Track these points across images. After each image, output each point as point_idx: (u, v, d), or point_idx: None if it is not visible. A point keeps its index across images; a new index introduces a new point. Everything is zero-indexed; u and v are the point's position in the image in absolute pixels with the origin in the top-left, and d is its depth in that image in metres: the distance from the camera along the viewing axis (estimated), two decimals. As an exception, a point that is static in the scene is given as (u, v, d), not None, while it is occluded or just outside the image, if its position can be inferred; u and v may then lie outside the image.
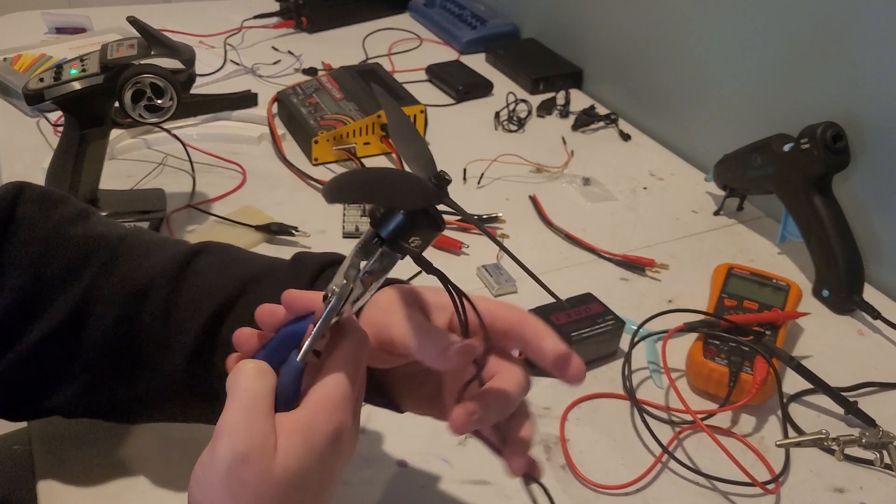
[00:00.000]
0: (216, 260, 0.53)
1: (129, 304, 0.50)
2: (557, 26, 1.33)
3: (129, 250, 0.52)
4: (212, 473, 0.37)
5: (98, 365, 0.51)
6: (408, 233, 0.38)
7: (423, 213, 0.38)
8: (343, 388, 0.40)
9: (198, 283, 0.51)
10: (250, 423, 0.37)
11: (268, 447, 0.37)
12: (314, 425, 0.39)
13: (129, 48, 0.76)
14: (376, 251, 0.39)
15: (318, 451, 0.38)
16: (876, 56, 0.81)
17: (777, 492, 0.61)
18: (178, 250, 0.53)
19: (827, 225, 0.81)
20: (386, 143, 1.03)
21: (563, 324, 0.70)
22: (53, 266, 0.51)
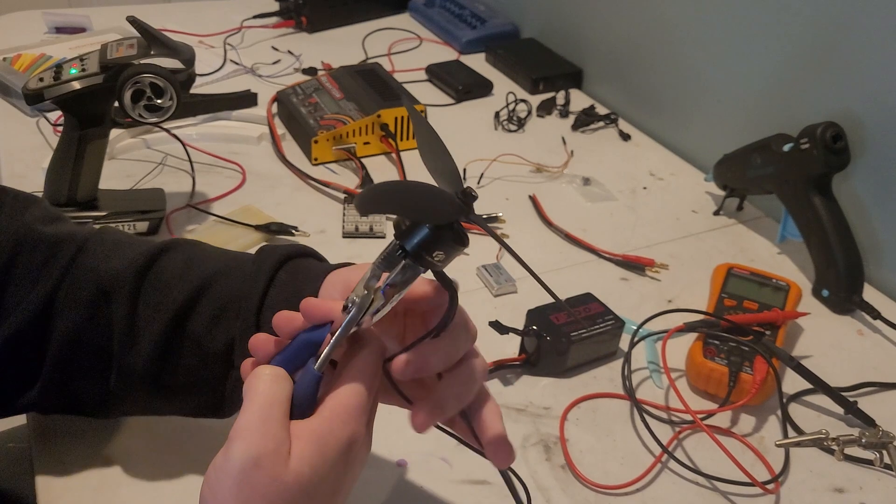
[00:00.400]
0: (181, 256, 0.54)
1: (95, 302, 0.51)
2: (557, 26, 1.33)
3: (95, 248, 0.53)
4: (224, 476, 0.37)
5: (67, 362, 0.52)
6: (432, 247, 0.38)
7: (448, 228, 0.38)
8: (359, 397, 0.40)
9: (163, 279, 0.52)
10: (265, 428, 0.37)
11: (281, 453, 0.37)
12: (328, 434, 0.39)
13: (128, 48, 0.76)
14: (399, 263, 0.40)
15: (331, 459, 0.39)
16: (876, 56, 0.81)
17: (777, 492, 0.61)
18: (144, 248, 0.53)
19: (827, 225, 0.81)
20: (386, 143, 1.03)
21: (563, 324, 0.70)
22: (21, 265, 0.52)
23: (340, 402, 0.40)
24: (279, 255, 0.53)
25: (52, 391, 0.53)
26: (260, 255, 0.54)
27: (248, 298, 0.51)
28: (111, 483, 0.57)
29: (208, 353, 0.51)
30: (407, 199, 0.38)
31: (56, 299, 0.51)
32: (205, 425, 0.62)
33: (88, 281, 0.52)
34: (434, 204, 0.38)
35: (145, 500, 0.56)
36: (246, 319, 0.51)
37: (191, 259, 0.54)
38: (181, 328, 0.51)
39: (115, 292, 0.51)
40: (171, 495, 0.56)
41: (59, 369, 0.52)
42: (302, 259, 0.54)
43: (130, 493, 0.56)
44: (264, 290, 0.51)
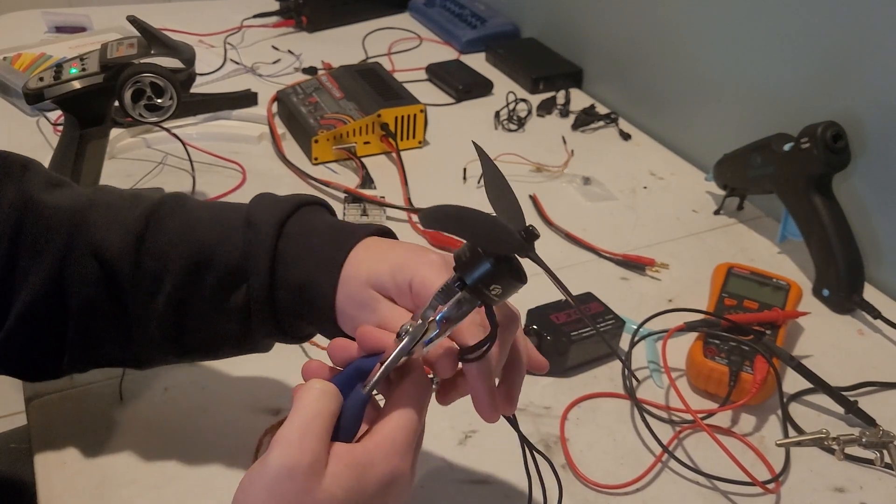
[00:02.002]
0: (174, 222, 0.52)
1: (101, 277, 0.51)
2: (557, 26, 1.33)
3: (93, 218, 0.52)
4: (258, 481, 0.37)
5: (88, 330, 0.52)
6: (491, 280, 0.39)
7: (507, 263, 0.39)
8: (405, 433, 0.40)
9: (159, 249, 0.51)
10: (303, 441, 0.37)
11: (316, 468, 0.37)
12: (369, 465, 0.39)
13: (128, 47, 0.76)
14: (456, 295, 0.40)
15: (368, 491, 0.38)
16: (876, 56, 0.81)
17: (777, 491, 0.61)
18: (136, 214, 0.52)
19: (827, 224, 0.81)
20: (386, 143, 1.03)
21: (564, 323, 0.70)
22: (26, 236, 0.51)
23: (386, 436, 0.40)
24: (272, 228, 0.50)
25: (82, 356, 0.54)
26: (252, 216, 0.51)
27: (257, 273, 0.50)
28: (112, 483, 0.57)
29: (222, 315, 0.51)
30: (472, 224, 0.38)
31: (63, 276, 0.51)
32: (205, 426, 0.62)
33: (89, 257, 0.51)
34: (497, 234, 0.39)
35: (145, 500, 0.56)
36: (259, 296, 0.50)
37: (184, 222, 0.52)
38: (188, 295, 0.51)
39: (117, 267, 0.51)
40: (171, 495, 0.56)
41: (83, 337, 0.52)
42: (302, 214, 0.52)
43: (131, 493, 0.56)
44: (271, 266, 0.50)
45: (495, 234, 0.38)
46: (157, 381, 0.65)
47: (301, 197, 0.53)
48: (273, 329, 0.51)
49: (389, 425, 0.40)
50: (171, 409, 0.63)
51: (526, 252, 0.39)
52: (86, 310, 0.52)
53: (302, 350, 0.69)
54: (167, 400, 0.64)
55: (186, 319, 0.52)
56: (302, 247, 0.50)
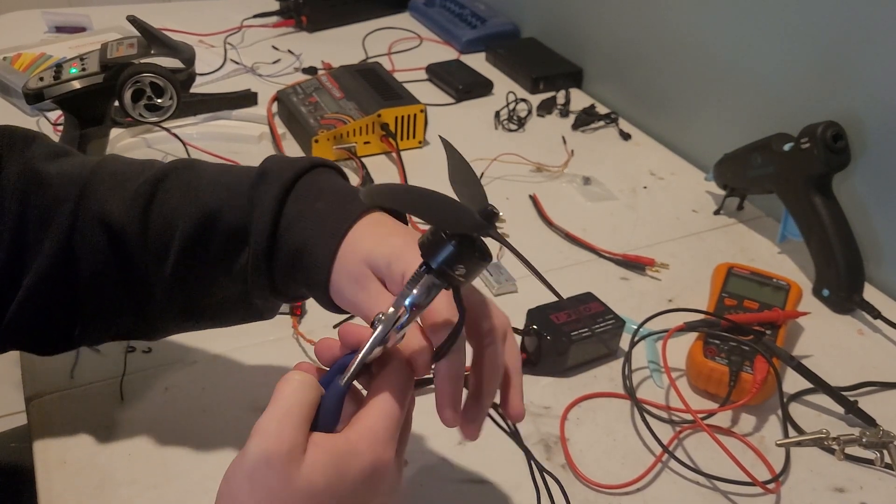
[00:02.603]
0: (179, 185, 0.52)
1: (108, 245, 0.51)
2: (557, 26, 1.33)
3: (97, 187, 0.53)
4: (238, 471, 0.37)
5: (98, 299, 0.53)
6: (454, 261, 0.39)
7: (470, 243, 0.40)
8: (386, 421, 0.40)
9: (165, 213, 0.51)
10: (280, 429, 0.37)
11: (293, 455, 0.37)
12: (349, 454, 0.39)
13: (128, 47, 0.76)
14: (422, 280, 0.41)
15: (350, 480, 0.38)
16: (877, 55, 0.81)
17: (777, 491, 0.61)
18: (141, 181, 0.52)
19: (827, 224, 0.81)
20: (386, 143, 1.03)
21: (564, 323, 0.70)
22: (32, 208, 0.52)
23: (367, 425, 0.40)
24: (281, 184, 0.50)
25: (94, 326, 0.54)
26: (265, 175, 0.51)
27: (259, 229, 0.49)
28: (112, 483, 0.57)
29: (228, 277, 0.51)
30: (425, 203, 0.39)
31: (72, 247, 0.51)
32: (205, 425, 0.62)
33: (97, 226, 0.51)
34: (453, 214, 0.39)
35: (145, 500, 0.56)
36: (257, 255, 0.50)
37: (193, 185, 0.52)
38: (195, 259, 0.51)
39: (125, 233, 0.51)
40: (171, 495, 0.57)
41: (94, 307, 0.53)
42: (314, 176, 0.52)
43: (131, 492, 0.56)
44: (272, 227, 0.49)
45: (451, 213, 0.39)
46: (158, 381, 0.66)
47: (314, 158, 0.53)
48: (267, 284, 0.51)
49: (369, 414, 0.40)
50: (172, 409, 0.63)
51: (485, 230, 0.39)
52: (95, 279, 0.52)
53: (302, 350, 0.69)
54: (167, 400, 0.64)
55: (193, 283, 0.52)
56: (308, 209, 0.50)
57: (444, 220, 0.39)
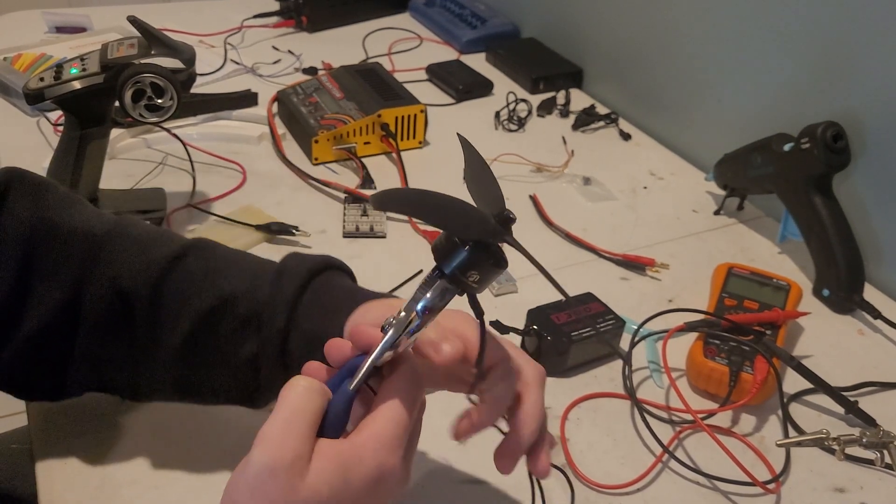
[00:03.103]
0: (201, 263, 0.53)
1: (117, 309, 0.52)
2: (557, 26, 1.33)
3: (113, 247, 0.53)
4: (241, 482, 0.36)
5: (94, 357, 0.53)
6: (468, 268, 0.39)
7: (484, 249, 0.39)
8: (393, 427, 0.39)
9: (181, 288, 0.52)
10: (285, 438, 0.37)
11: (298, 465, 0.36)
12: (356, 460, 0.38)
13: (129, 47, 0.76)
14: (434, 284, 0.40)
15: (355, 487, 0.38)
16: (877, 55, 0.81)
17: (777, 491, 0.61)
18: (163, 252, 0.53)
19: (827, 224, 0.81)
20: (386, 143, 1.03)
21: (564, 323, 0.70)
22: (39, 258, 0.52)
23: (374, 430, 0.39)
24: (304, 272, 0.52)
25: (84, 380, 0.54)
26: (284, 270, 0.52)
27: (270, 324, 0.51)
28: (112, 483, 0.57)
29: (231, 363, 0.52)
30: (438, 209, 0.38)
31: (79, 302, 0.52)
32: (206, 425, 0.62)
33: (108, 288, 0.52)
34: (467, 219, 0.38)
35: (146, 500, 0.56)
36: (271, 343, 0.51)
37: (211, 267, 0.53)
38: (202, 339, 0.51)
39: (136, 300, 0.51)
40: (171, 495, 0.56)
41: (88, 363, 0.53)
42: (329, 275, 0.53)
43: (131, 493, 0.56)
44: (289, 314, 0.51)
45: (464, 219, 0.38)
46: (158, 382, 0.65)
47: (331, 259, 0.55)
48: (280, 374, 0.51)
49: (377, 420, 0.40)
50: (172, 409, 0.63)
51: (501, 237, 0.38)
52: (95, 339, 0.52)
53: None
54: (167, 400, 0.64)
55: (196, 361, 0.52)
56: (320, 300, 0.51)
57: (456, 227, 0.38)
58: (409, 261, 0.83)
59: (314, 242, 0.85)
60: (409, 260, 0.83)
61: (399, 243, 0.86)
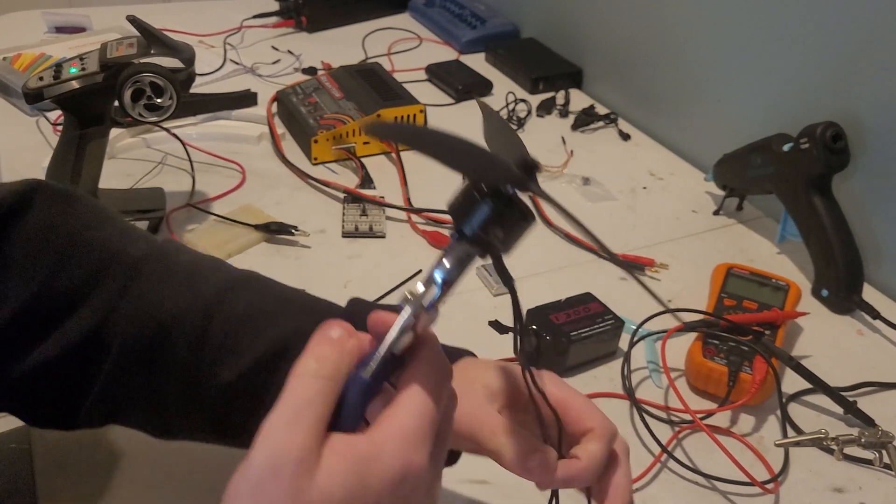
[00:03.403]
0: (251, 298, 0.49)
1: (153, 341, 0.47)
2: (557, 26, 1.33)
3: (152, 275, 0.48)
4: (242, 483, 0.32)
5: (120, 390, 0.48)
6: (491, 223, 0.34)
7: (507, 200, 0.34)
8: (418, 419, 0.34)
9: (233, 326, 0.47)
10: (291, 433, 0.32)
11: (306, 464, 0.31)
12: (374, 458, 0.33)
13: (128, 47, 0.76)
14: (453, 248, 0.36)
15: (374, 489, 0.32)
16: (876, 56, 0.81)
17: (776, 491, 0.61)
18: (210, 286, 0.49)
19: (826, 225, 0.81)
20: (386, 143, 1.03)
21: (563, 323, 0.70)
22: (66, 276, 0.47)
23: (395, 424, 0.34)
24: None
25: (102, 413, 0.49)
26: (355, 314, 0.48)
27: None
28: (112, 484, 0.57)
29: None
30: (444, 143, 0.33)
31: (108, 332, 0.47)
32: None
33: (145, 320, 0.47)
34: (481, 161, 0.33)
35: (145, 500, 0.56)
36: None
37: (268, 303, 0.49)
38: (257, 381, 0.46)
39: (177, 334, 0.47)
40: (171, 496, 0.56)
41: (110, 397, 0.48)
42: None
43: (131, 493, 0.56)
44: None
45: (482, 160, 0.33)
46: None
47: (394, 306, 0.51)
48: None
49: (398, 411, 0.34)
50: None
51: (525, 184, 0.33)
52: (123, 373, 0.47)
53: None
54: (167, 400, 0.64)
55: (245, 405, 0.46)
56: None
57: (471, 168, 0.33)
58: (408, 261, 0.83)
59: (314, 242, 0.85)
60: (408, 260, 0.83)
61: (399, 243, 0.86)
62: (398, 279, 0.80)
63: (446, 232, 0.86)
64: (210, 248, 0.81)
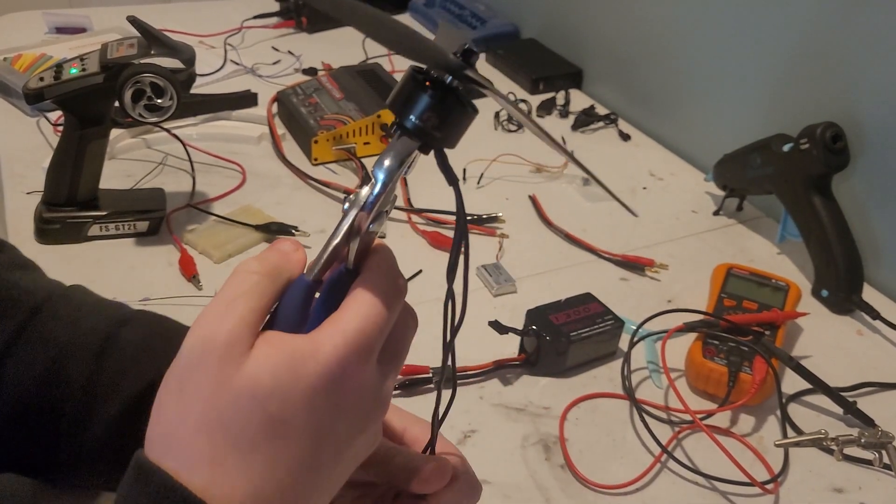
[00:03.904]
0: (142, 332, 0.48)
1: (48, 375, 0.45)
2: (557, 26, 1.33)
3: (54, 311, 0.48)
4: (172, 372, 0.31)
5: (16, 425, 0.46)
6: (428, 112, 0.33)
7: (447, 88, 0.33)
8: (363, 322, 0.32)
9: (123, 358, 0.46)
10: (220, 321, 0.31)
11: (234, 350, 0.30)
12: (311, 354, 0.31)
13: (129, 48, 0.76)
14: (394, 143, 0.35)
15: (306, 384, 0.31)
16: (876, 56, 0.81)
17: (776, 492, 0.61)
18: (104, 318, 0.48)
19: (826, 225, 0.82)
20: (386, 143, 1.03)
21: (563, 323, 0.70)
22: None
23: (337, 325, 0.32)
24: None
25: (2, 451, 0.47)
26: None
27: None
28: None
29: None
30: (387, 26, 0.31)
31: (5, 364, 0.45)
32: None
33: (42, 350, 0.46)
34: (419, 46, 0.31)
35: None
36: None
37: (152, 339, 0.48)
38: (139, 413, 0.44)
39: (71, 366, 0.45)
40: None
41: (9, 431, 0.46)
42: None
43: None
44: None
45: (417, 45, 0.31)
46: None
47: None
48: None
49: (341, 314, 0.33)
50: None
51: (461, 70, 0.32)
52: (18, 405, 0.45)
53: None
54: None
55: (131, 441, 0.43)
56: None
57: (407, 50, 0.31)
58: (408, 261, 0.83)
59: (314, 242, 0.85)
60: (408, 260, 0.83)
61: (399, 243, 0.87)
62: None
63: (447, 232, 0.87)
64: (210, 249, 0.81)
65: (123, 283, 0.77)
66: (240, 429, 0.30)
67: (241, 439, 0.30)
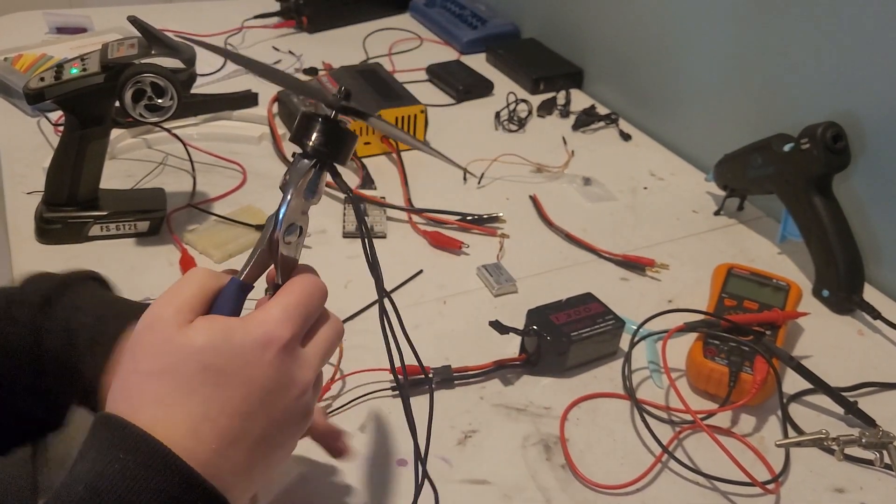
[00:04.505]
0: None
1: None
2: (558, 26, 1.33)
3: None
4: (130, 342, 0.40)
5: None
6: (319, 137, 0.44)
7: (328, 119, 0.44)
8: (283, 306, 0.41)
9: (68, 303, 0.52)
10: (167, 303, 0.39)
11: (177, 320, 0.39)
12: (238, 327, 0.39)
13: (129, 48, 0.76)
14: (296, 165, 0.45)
15: (236, 344, 0.39)
16: (876, 56, 0.81)
17: (777, 492, 0.61)
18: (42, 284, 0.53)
19: (827, 225, 0.81)
20: (386, 143, 1.03)
21: (563, 323, 0.70)
22: None
23: (262, 311, 0.41)
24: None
25: None
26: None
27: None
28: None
29: None
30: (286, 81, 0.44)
31: None
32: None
33: None
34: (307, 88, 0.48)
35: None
36: None
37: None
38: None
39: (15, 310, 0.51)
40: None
41: None
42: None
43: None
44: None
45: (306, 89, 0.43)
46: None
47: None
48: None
49: (268, 304, 0.41)
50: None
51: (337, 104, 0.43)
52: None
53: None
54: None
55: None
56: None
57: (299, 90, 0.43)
58: (409, 261, 0.83)
59: (314, 242, 0.85)
60: (409, 260, 0.83)
61: (399, 243, 0.87)
62: (399, 279, 0.80)
63: (447, 232, 0.87)
64: (210, 249, 0.81)
65: (124, 283, 0.77)
66: (180, 374, 0.38)
67: (182, 383, 0.38)
